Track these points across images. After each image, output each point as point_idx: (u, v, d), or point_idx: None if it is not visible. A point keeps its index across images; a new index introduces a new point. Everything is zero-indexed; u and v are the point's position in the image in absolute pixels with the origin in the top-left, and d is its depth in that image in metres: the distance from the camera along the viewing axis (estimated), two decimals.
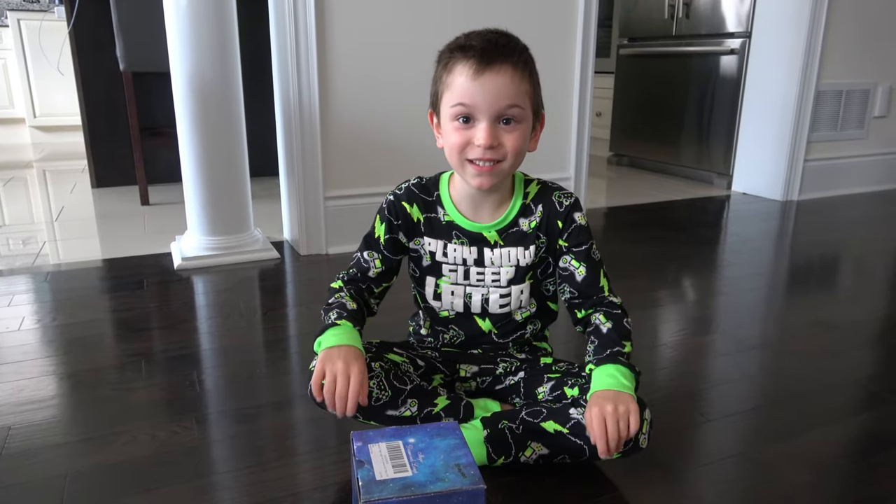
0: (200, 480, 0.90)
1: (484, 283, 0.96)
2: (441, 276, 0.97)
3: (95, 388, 1.16)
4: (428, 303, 1.00)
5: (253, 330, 1.44)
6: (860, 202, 2.82)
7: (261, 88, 2.53)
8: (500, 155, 0.86)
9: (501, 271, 0.95)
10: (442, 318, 1.01)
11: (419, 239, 0.97)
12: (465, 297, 0.97)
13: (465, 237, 0.95)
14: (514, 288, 0.96)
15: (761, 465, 0.95)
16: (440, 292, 0.98)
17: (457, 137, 0.86)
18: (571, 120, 2.32)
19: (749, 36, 2.81)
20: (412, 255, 0.99)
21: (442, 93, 0.87)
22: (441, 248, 0.96)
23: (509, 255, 0.95)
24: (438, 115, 0.91)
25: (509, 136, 0.85)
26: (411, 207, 0.96)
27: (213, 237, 1.87)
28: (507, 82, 0.83)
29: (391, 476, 0.67)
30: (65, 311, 1.50)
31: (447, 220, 0.96)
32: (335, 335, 0.86)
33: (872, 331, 1.47)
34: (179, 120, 1.80)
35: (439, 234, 0.96)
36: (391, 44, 1.96)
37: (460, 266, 0.96)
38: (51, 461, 0.94)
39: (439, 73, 0.88)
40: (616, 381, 0.84)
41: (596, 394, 0.84)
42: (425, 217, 0.97)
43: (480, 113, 0.84)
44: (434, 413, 0.91)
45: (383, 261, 0.98)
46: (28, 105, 4.14)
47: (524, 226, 0.95)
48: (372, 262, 0.98)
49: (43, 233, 2.18)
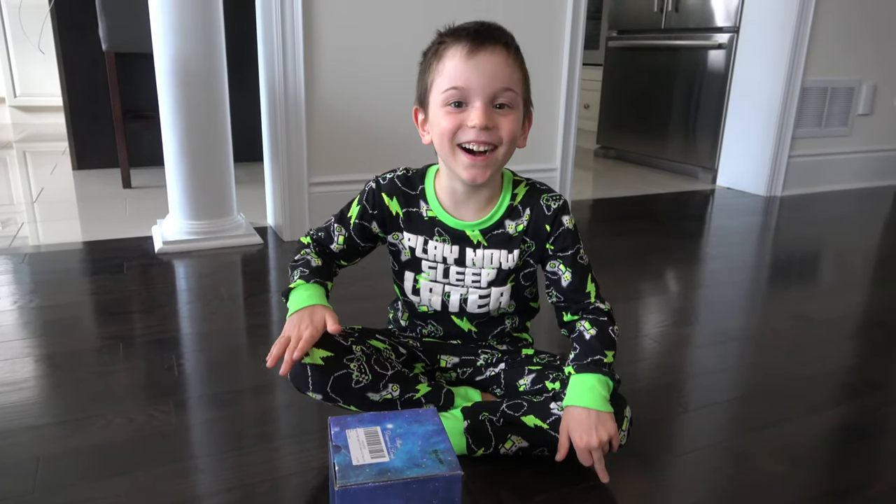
0: (177, 464, 0.89)
1: (463, 284, 0.95)
2: (420, 272, 0.96)
3: (72, 370, 1.14)
4: (407, 297, 0.99)
5: (234, 315, 1.43)
6: (843, 199, 2.85)
7: (246, 73, 2.50)
8: (494, 139, 0.83)
9: (482, 272, 0.94)
10: (421, 313, 1.00)
11: (398, 234, 0.96)
12: (444, 295, 0.96)
13: (447, 234, 0.93)
14: (494, 290, 0.94)
15: (738, 455, 0.95)
16: (419, 287, 0.97)
17: (448, 122, 0.83)
18: (559, 111, 2.32)
19: (737, 31, 2.82)
20: (391, 248, 0.98)
21: (432, 82, 0.85)
22: (421, 244, 0.94)
23: (492, 258, 0.93)
24: (426, 110, 0.88)
25: (504, 120, 0.83)
26: (391, 200, 0.94)
27: (196, 221, 1.85)
28: (502, 62, 0.81)
29: (368, 461, 0.66)
30: (42, 293, 1.48)
31: (430, 216, 0.93)
32: (297, 298, 0.88)
33: (851, 325, 1.49)
34: (162, 102, 1.78)
35: (420, 229, 0.94)
36: (377, 31, 1.94)
37: (440, 264, 0.94)
38: (24, 444, 0.93)
39: (428, 63, 0.86)
40: (595, 396, 0.84)
41: (574, 412, 0.84)
42: (405, 211, 0.94)
43: (474, 95, 0.82)
44: (415, 399, 0.90)
45: (346, 240, 0.97)
46: (8, 84, 4.06)
47: (510, 228, 0.93)
48: (336, 237, 0.97)
49: (22, 214, 2.15)
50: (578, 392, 0.85)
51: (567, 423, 0.84)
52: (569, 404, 0.85)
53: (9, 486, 0.84)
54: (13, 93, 4.11)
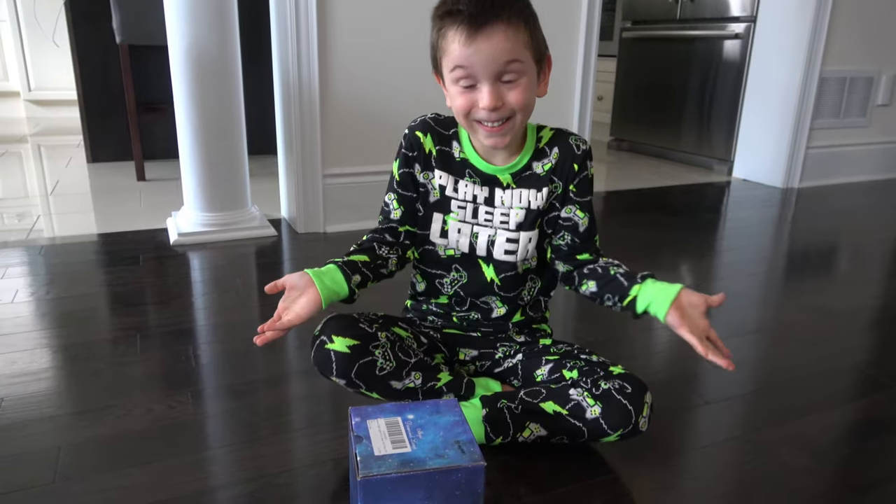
0: (195, 455, 0.89)
1: (492, 224, 0.94)
2: (449, 213, 0.95)
3: (89, 361, 1.15)
4: (432, 242, 0.97)
5: (249, 306, 1.43)
6: (861, 190, 2.81)
7: (260, 65, 2.50)
8: (506, 112, 0.85)
9: (511, 213, 0.94)
10: (445, 259, 0.97)
11: (428, 172, 0.95)
12: (472, 236, 0.95)
13: (477, 176, 0.94)
14: (522, 234, 0.94)
15: (759, 448, 0.94)
16: (447, 229, 0.95)
17: (461, 101, 0.85)
18: (573, 103, 2.30)
19: (754, 21, 2.78)
20: (420, 190, 0.97)
21: (440, 57, 0.86)
22: (452, 183, 0.94)
23: (521, 197, 0.93)
24: (442, 78, 0.89)
25: (513, 94, 0.84)
26: (425, 137, 0.95)
27: (210, 213, 1.85)
28: (501, 41, 0.81)
29: (390, 452, 0.66)
30: (59, 285, 1.49)
31: (462, 158, 0.94)
32: (317, 273, 0.85)
33: (871, 317, 1.47)
34: (177, 95, 1.78)
35: (451, 169, 0.95)
36: (391, 22, 1.93)
37: (469, 203, 0.94)
38: (44, 433, 0.93)
39: (434, 38, 0.86)
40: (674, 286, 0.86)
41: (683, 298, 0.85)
42: (438, 150, 0.95)
43: (479, 75, 0.82)
44: (437, 388, 0.90)
45: (400, 200, 0.97)
46: (23, 78, 4.08)
47: (537, 168, 0.94)
48: (391, 204, 0.97)
49: (38, 207, 2.16)
50: (663, 289, 0.85)
51: (680, 315, 0.83)
52: (670, 299, 0.84)
53: (31, 474, 0.84)
54: (28, 87, 4.13)
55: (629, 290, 0.88)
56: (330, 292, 0.85)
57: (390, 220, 0.98)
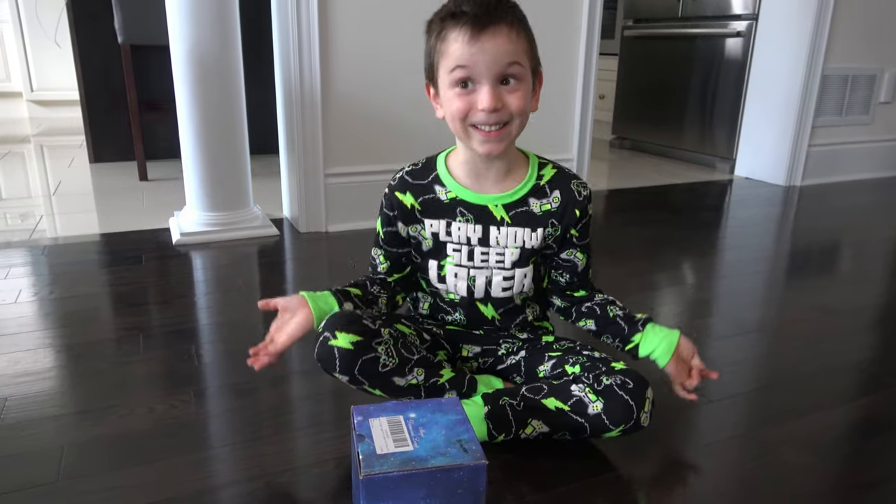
0: (198, 454, 0.90)
1: (488, 265, 0.95)
2: (445, 258, 0.96)
3: (92, 360, 1.15)
4: (434, 286, 0.99)
5: (251, 306, 1.43)
6: (863, 188, 2.81)
7: (262, 64, 2.50)
8: (505, 116, 0.84)
9: (506, 252, 0.94)
10: (447, 302, 1.00)
11: (416, 225, 0.96)
12: (469, 280, 0.96)
13: (470, 213, 0.93)
14: (517, 271, 0.95)
15: (762, 446, 0.94)
16: (444, 274, 0.96)
17: (458, 104, 0.84)
18: (575, 102, 2.30)
19: (756, 18, 2.77)
20: (412, 242, 0.98)
21: (438, 62, 0.85)
22: (444, 227, 0.94)
23: (515, 236, 0.93)
24: (435, 86, 0.89)
25: (512, 97, 0.84)
26: (404, 195, 0.95)
27: (212, 213, 1.86)
28: (505, 42, 0.81)
29: (392, 450, 0.66)
30: (62, 285, 1.49)
31: (450, 198, 0.93)
32: (311, 295, 0.90)
33: (874, 315, 1.47)
34: (179, 95, 1.78)
35: (441, 213, 0.94)
36: (393, 21, 1.93)
37: (464, 246, 0.94)
38: (48, 432, 0.93)
39: (432, 44, 0.86)
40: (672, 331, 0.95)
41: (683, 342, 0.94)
42: (421, 201, 0.95)
43: (481, 76, 0.82)
44: (439, 384, 0.90)
45: (386, 256, 0.99)
46: (25, 79, 4.09)
47: (535, 207, 0.93)
48: (377, 259, 1.00)
49: (40, 207, 2.16)
50: (664, 338, 0.94)
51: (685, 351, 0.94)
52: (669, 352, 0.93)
53: (34, 473, 0.84)
54: (30, 87, 4.14)
55: (630, 337, 0.96)
56: (322, 313, 0.88)
57: (378, 272, 1.01)
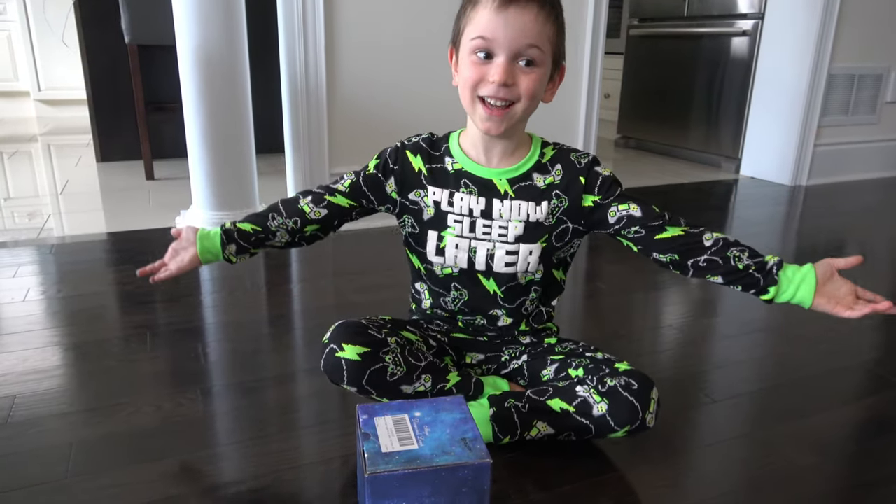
0: (205, 451, 0.90)
1: (490, 238, 0.93)
2: (445, 228, 0.94)
3: (100, 359, 1.16)
4: (429, 262, 0.96)
5: (257, 304, 1.44)
6: (870, 188, 2.79)
7: (268, 64, 2.51)
8: (513, 95, 0.84)
9: (509, 225, 0.92)
10: (443, 278, 0.97)
11: (420, 190, 0.95)
12: (470, 251, 0.93)
13: (474, 185, 0.92)
14: (522, 246, 0.92)
15: (766, 446, 0.94)
16: (443, 246, 0.94)
17: (472, 72, 0.84)
18: (580, 101, 2.30)
19: (762, 17, 2.77)
20: (412, 208, 0.96)
21: (464, 27, 0.86)
22: (447, 196, 0.93)
23: (519, 209, 0.92)
24: (458, 51, 0.89)
25: (525, 78, 0.83)
26: (414, 157, 0.95)
27: (219, 212, 1.87)
28: (531, 20, 0.81)
29: (397, 449, 0.67)
30: (69, 283, 1.50)
31: (456, 169, 0.93)
32: (202, 236, 0.99)
33: (879, 315, 1.46)
34: (185, 94, 1.79)
35: (445, 183, 0.94)
36: (399, 21, 1.93)
37: (466, 217, 0.93)
38: (56, 430, 0.94)
39: (464, 8, 0.86)
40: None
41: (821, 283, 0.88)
42: (428, 167, 0.95)
43: (499, 48, 0.82)
44: (447, 389, 0.91)
45: (353, 184, 0.97)
46: (33, 78, 4.12)
47: (538, 181, 0.92)
48: (345, 180, 0.98)
49: (48, 206, 2.18)
50: (801, 280, 0.89)
51: (826, 300, 0.87)
52: (811, 292, 0.87)
53: (43, 471, 0.85)
54: (38, 87, 4.16)
55: (767, 288, 0.91)
56: (208, 254, 0.98)
57: (332, 187, 0.98)
